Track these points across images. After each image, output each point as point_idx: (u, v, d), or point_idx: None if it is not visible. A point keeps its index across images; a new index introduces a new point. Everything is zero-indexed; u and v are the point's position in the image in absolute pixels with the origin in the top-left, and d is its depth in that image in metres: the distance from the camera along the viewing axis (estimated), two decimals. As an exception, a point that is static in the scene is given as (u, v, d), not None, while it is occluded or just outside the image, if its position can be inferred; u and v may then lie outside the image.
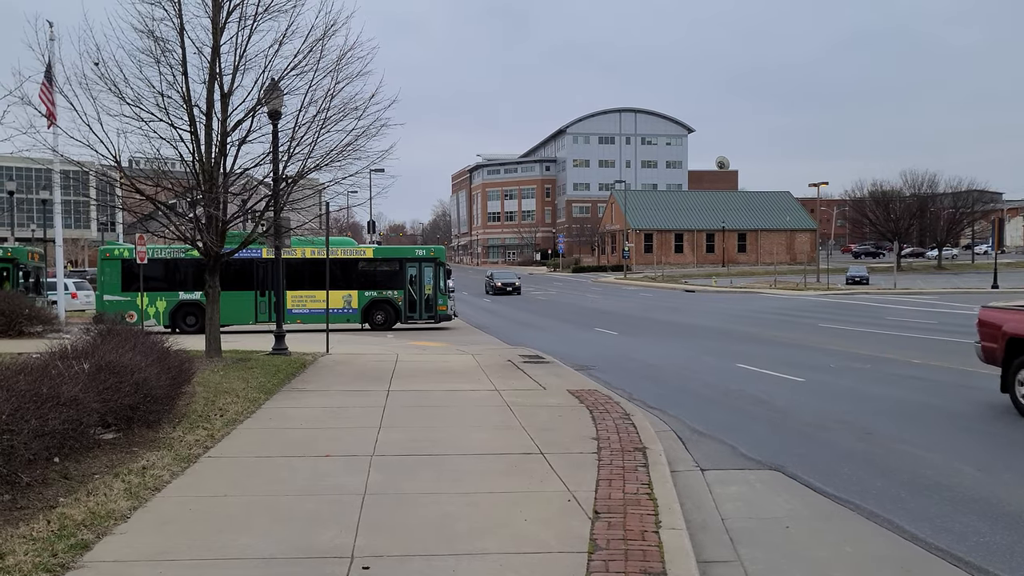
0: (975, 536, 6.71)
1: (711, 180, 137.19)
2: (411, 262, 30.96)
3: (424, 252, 31.49)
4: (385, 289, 30.67)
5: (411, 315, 30.66)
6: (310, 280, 29.94)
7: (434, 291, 30.58)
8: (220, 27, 16.29)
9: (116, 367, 9.32)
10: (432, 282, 30.62)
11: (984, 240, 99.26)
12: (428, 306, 30.59)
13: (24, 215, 75.45)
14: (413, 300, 30.62)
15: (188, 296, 29.45)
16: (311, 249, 29.94)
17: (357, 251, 31.30)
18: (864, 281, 63.41)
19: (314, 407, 12.06)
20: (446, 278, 31.21)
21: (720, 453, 9.82)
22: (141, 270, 27.91)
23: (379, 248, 32.96)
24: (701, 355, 20.76)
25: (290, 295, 29.36)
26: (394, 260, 31.32)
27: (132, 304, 28.27)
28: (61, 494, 7.02)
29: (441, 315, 30.81)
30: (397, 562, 5.63)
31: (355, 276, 30.70)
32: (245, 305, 29.73)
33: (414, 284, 30.65)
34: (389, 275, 30.88)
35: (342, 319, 30.19)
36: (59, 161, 19.00)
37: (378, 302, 30.58)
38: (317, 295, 29.55)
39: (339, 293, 30.04)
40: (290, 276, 29.03)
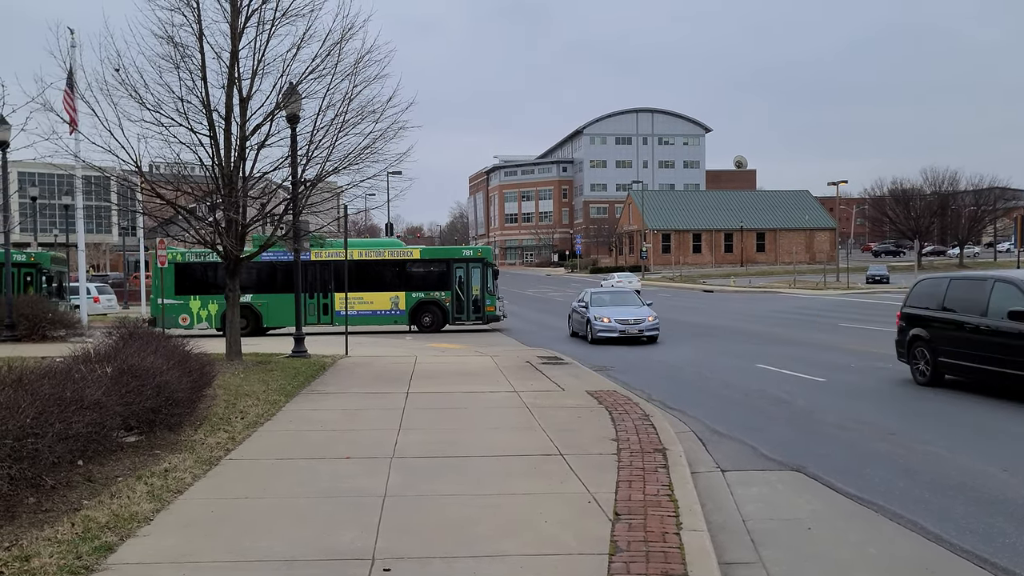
0: (1001, 537, 6.63)
1: (729, 180, 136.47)
2: (458, 262, 30.53)
3: (471, 252, 31.12)
4: (432, 290, 30.20)
5: (459, 316, 30.20)
6: (358, 281, 29.50)
7: (482, 292, 30.09)
8: (239, 32, 16.41)
9: (138, 371, 9.40)
10: (480, 283, 30.16)
11: (1006, 238, 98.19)
12: (476, 307, 30.11)
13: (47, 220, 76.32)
14: (461, 301, 30.17)
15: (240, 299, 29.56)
16: (359, 250, 30.05)
17: (405, 252, 30.92)
18: (884, 280, 62.89)
19: (334, 409, 12.11)
20: (494, 279, 30.68)
21: (741, 454, 9.76)
22: (193, 273, 28.40)
23: (426, 249, 32.56)
24: (720, 355, 20.65)
25: (338, 297, 29.08)
26: (441, 261, 30.85)
27: (185, 307, 28.56)
28: (85, 497, 7.09)
29: (489, 316, 30.20)
30: (418, 564, 5.64)
31: (402, 277, 30.35)
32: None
33: (461, 285, 30.18)
34: (436, 276, 30.39)
35: (389, 321, 30.08)
36: (81, 167, 19.22)
37: (425, 303, 30.14)
38: (365, 296, 29.57)
39: (386, 295, 29.94)
40: (338, 278, 29.00)
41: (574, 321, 26.67)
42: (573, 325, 26.87)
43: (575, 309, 26.69)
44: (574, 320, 26.72)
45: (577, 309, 26.41)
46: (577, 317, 26.31)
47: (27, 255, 31.01)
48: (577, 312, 26.39)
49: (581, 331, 25.28)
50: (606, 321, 23.76)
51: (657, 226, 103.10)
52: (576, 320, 26.43)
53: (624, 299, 26.13)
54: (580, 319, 25.69)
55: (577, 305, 26.70)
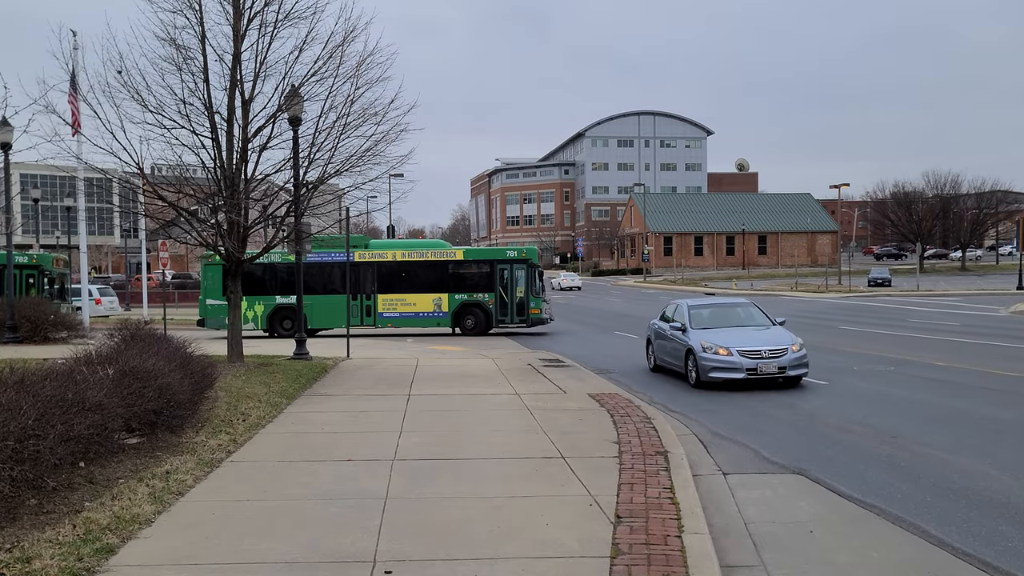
0: (1004, 541, 6.61)
1: (731, 182, 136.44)
2: (502, 264, 29.67)
3: (515, 253, 30.22)
4: (475, 292, 29.47)
5: (502, 319, 29.34)
6: (401, 283, 29.41)
7: (526, 294, 29.20)
8: (241, 34, 16.42)
9: (140, 372, 9.40)
10: (524, 284, 29.27)
11: (1009, 241, 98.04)
12: (520, 309, 29.15)
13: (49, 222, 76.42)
14: (504, 303, 29.33)
15: (284, 300, 29.22)
16: (402, 251, 29.87)
17: (448, 253, 30.30)
18: (886, 283, 62.82)
19: (335, 412, 12.11)
20: (540, 280, 29.93)
21: (742, 457, 9.75)
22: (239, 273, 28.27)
23: (470, 250, 31.96)
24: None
25: (381, 298, 29.14)
26: (484, 262, 30.06)
27: None
28: (86, 498, 7.09)
29: (534, 319, 29.26)
30: (419, 566, 5.63)
31: (445, 279, 29.63)
32: (338, 309, 28.58)
33: (505, 287, 29.36)
34: (479, 277, 29.68)
35: (432, 323, 29.56)
36: (83, 168, 19.25)
37: (468, 305, 29.41)
38: (408, 298, 29.28)
39: (429, 296, 29.36)
40: (381, 279, 29.08)
41: (661, 349, 17.74)
42: (658, 354, 17.95)
43: (660, 332, 17.86)
44: (661, 348, 17.73)
45: (666, 332, 17.39)
46: (667, 345, 17.28)
47: (29, 256, 31.06)
48: (667, 337, 17.26)
49: (675, 365, 16.76)
50: (723, 354, 15.09)
51: (659, 229, 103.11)
52: (665, 348, 17.42)
53: (740, 315, 17.38)
54: (672, 347, 16.93)
55: (663, 327, 17.68)
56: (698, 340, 15.62)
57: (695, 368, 15.44)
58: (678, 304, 18.07)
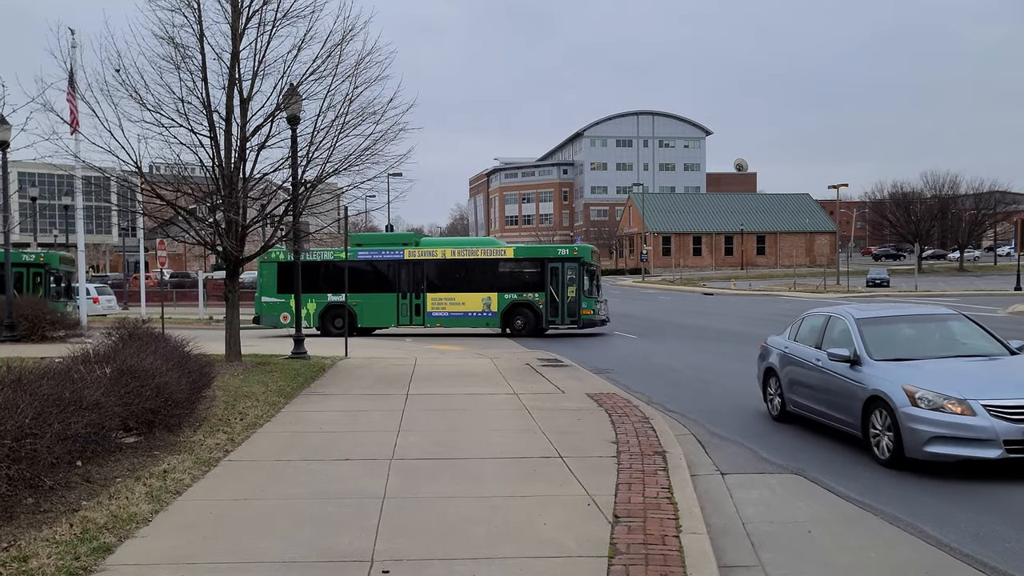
0: (1002, 542, 6.61)
1: (729, 182, 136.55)
2: (553, 262, 28.49)
3: (567, 251, 29.22)
4: (525, 291, 28.42)
5: (552, 320, 28.25)
6: (451, 281, 28.72)
7: (577, 294, 27.97)
8: (239, 33, 16.41)
9: (137, 371, 9.39)
10: (576, 284, 28.04)
11: (1007, 242, 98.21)
12: (571, 310, 28.00)
13: (46, 221, 76.36)
14: (555, 303, 28.18)
15: (335, 298, 28.60)
16: (451, 249, 29.29)
17: (498, 251, 29.30)
18: (884, 283, 62.93)
19: (333, 411, 12.10)
20: (594, 279, 28.71)
21: (740, 457, 9.74)
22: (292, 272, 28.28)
23: (520, 248, 30.59)
24: (720, 358, 20.62)
25: (430, 297, 28.53)
26: (535, 260, 28.96)
27: (286, 306, 28.21)
28: (83, 497, 7.08)
29: (586, 320, 28.05)
30: (417, 566, 5.63)
31: (494, 277, 28.72)
32: (387, 307, 28.78)
33: (556, 286, 28.20)
34: (529, 277, 28.64)
35: (480, 323, 28.72)
36: (81, 167, 19.21)
37: (518, 305, 28.39)
38: (457, 297, 28.57)
39: (478, 295, 28.52)
40: (430, 277, 28.59)
41: (800, 390, 11.36)
42: (795, 397, 11.46)
43: (797, 360, 11.47)
44: (801, 387, 11.34)
45: (809, 361, 11.12)
46: (815, 383, 10.80)
47: (36, 255, 31.02)
48: (814, 369, 10.82)
49: (835, 419, 10.38)
50: (955, 411, 8.55)
51: (657, 229, 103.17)
52: (812, 389, 10.89)
53: (946, 335, 11.32)
54: (829, 388, 10.40)
55: (804, 353, 11.38)
56: (897, 382, 9.06)
57: (894, 433, 8.87)
58: (834, 315, 11.21)
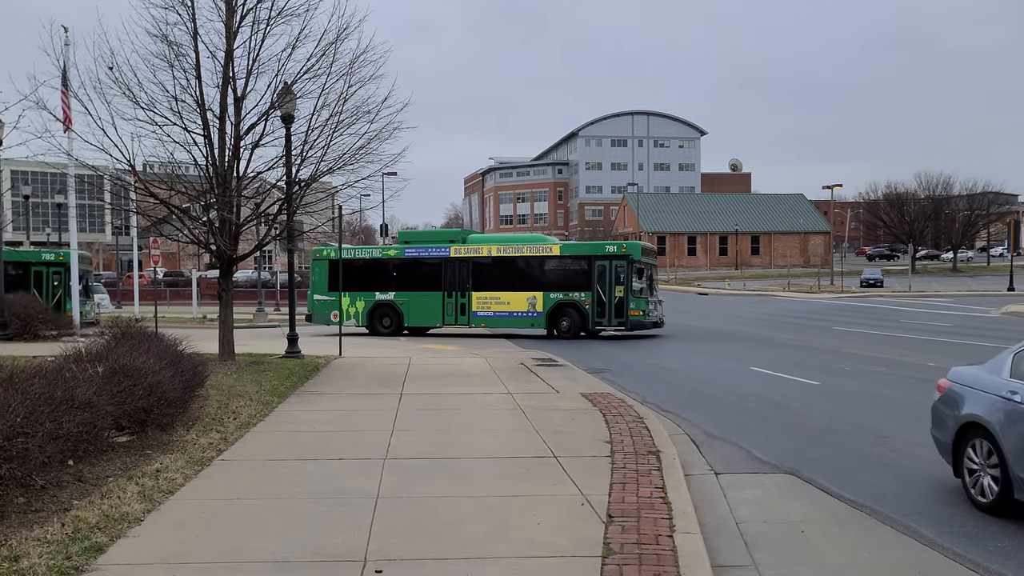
0: (994, 542, 6.63)
1: (724, 183, 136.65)
2: (600, 260, 26.94)
3: (615, 248, 27.27)
4: (571, 291, 27.11)
5: (599, 321, 26.78)
6: (496, 280, 27.75)
7: (625, 293, 26.41)
8: (233, 31, 16.37)
9: (130, 370, 9.36)
10: (625, 283, 26.45)
11: (1000, 242, 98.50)
12: (618, 311, 26.47)
13: (39, 219, 76.05)
14: (602, 303, 26.72)
15: (383, 297, 28.47)
16: (496, 246, 28.55)
17: (544, 248, 28.04)
18: (878, 283, 63.11)
19: (327, 410, 12.07)
20: (644, 278, 26.99)
21: (734, 457, 9.75)
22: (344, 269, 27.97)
23: (566, 244, 29.31)
24: (714, 358, 20.66)
25: (475, 296, 27.70)
26: (581, 258, 27.59)
27: (336, 304, 27.96)
28: (75, 497, 7.04)
29: (634, 321, 26.47)
30: (410, 566, 5.61)
31: (539, 276, 27.68)
32: (433, 306, 28.14)
33: (603, 285, 26.71)
34: (575, 275, 27.32)
35: (525, 323, 27.64)
36: (74, 165, 19.14)
37: (563, 306, 27.08)
38: (503, 296, 27.57)
39: (523, 295, 27.42)
40: (476, 275, 27.83)
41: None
42: None
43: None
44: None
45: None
46: None
47: (56, 254, 31.03)
48: None
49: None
50: None
51: (652, 228, 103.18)
52: None
53: None
54: None
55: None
56: None
57: None
58: None
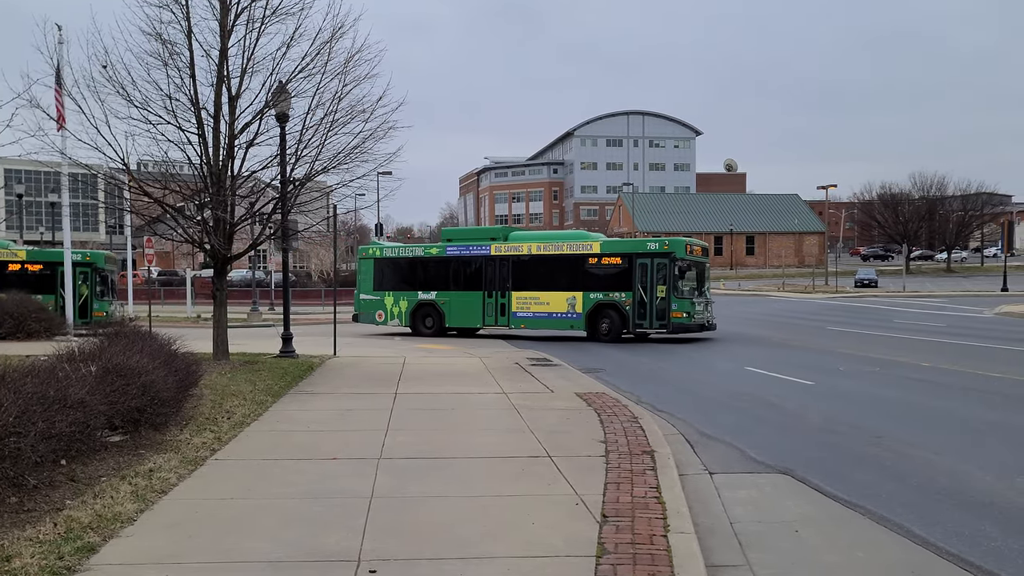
0: (988, 541, 6.63)
1: (719, 183, 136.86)
2: (641, 257, 25.33)
3: (656, 245, 25.55)
4: (611, 290, 25.60)
5: (640, 323, 25.11)
6: (536, 279, 26.68)
7: (668, 294, 24.63)
8: (228, 30, 16.30)
9: (123, 369, 9.32)
10: (667, 283, 24.67)
11: (994, 243, 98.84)
12: (660, 312, 24.72)
13: (33, 218, 75.80)
14: (643, 304, 25.04)
15: (425, 296, 27.78)
16: (537, 244, 27.41)
17: (584, 245, 26.63)
18: (873, 284, 63.28)
19: (321, 410, 12.04)
20: (687, 277, 25.33)
21: (729, 456, 9.75)
22: (389, 268, 27.67)
23: (607, 241, 27.57)
24: (709, 357, 20.68)
25: (515, 296, 26.71)
26: (622, 255, 25.94)
27: (381, 304, 27.61)
28: (68, 496, 7.01)
29: (676, 324, 24.72)
30: (404, 566, 5.60)
31: (579, 275, 26.26)
32: (474, 306, 27.30)
33: (644, 285, 25.07)
34: (616, 274, 25.78)
35: (565, 325, 26.35)
36: (67, 164, 19.08)
37: (603, 306, 25.60)
38: (542, 296, 26.41)
39: (563, 295, 26.16)
40: (516, 274, 26.85)
41: None
42: None
43: None
44: None
45: None
46: None
47: (83, 254, 31.10)
48: None
49: None
50: None
51: (647, 228, 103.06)
52: None
53: None
54: None
55: None
56: None
57: None
58: None
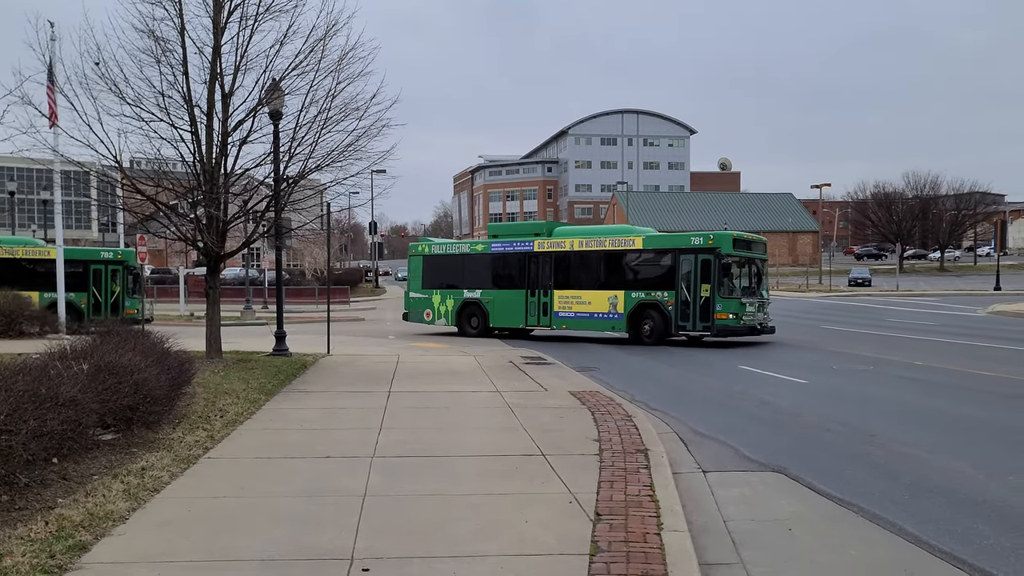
0: (979, 539, 6.65)
1: (713, 182, 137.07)
2: (684, 253, 23.43)
3: (701, 240, 23.42)
4: (653, 289, 23.87)
5: (683, 325, 23.28)
6: (576, 277, 25.39)
7: (712, 293, 22.71)
8: (221, 27, 16.26)
9: (115, 368, 9.28)
10: (713, 281, 22.71)
11: (987, 242, 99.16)
12: (703, 313, 22.84)
13: (25, 215, 75.50)
14: (686, 304, 23.18)
15: (471, 295, 26.91)
16: (579, 239, 25.72)
17: (625, 240, 24.75)
18: (866, 283, 63.47)
19: (315, 408, 12.02)
20: (734, 274, 23.41)
21: (722, 455, 9.76)
22: (437, 266, 27.26)
23: (650, 236, 25.10)
24: (703, 355, 20.69)
25: (557, 295, 25.41)
26: (664, 252, 24.01)
27: (429, 302, 27.08)
28: (59, 495, 6.98)
29: (721, 326, 22.68)
30: (397, 564, 5.59)
31: (621, 272, 24.73)
32: (516, 305, 26.18)
33: (687, 283, 23.21)
34: (658, 271, 24.07)
35: (606, 326, 24.72)
36: (60, 161, 18.99)
37: (645, 307, 23.86)
38: (584, 295, 24.96)
39: (604, 294, 24.58)
40: (558, 272, 25.60)
41: None
42: None
43: None
44: None
45: None
46: None
47: (114, 252, 31.12)
48: None
49: None
50: None
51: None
52: None
53: None
54: None
55: None
56: None
57: None
58: None
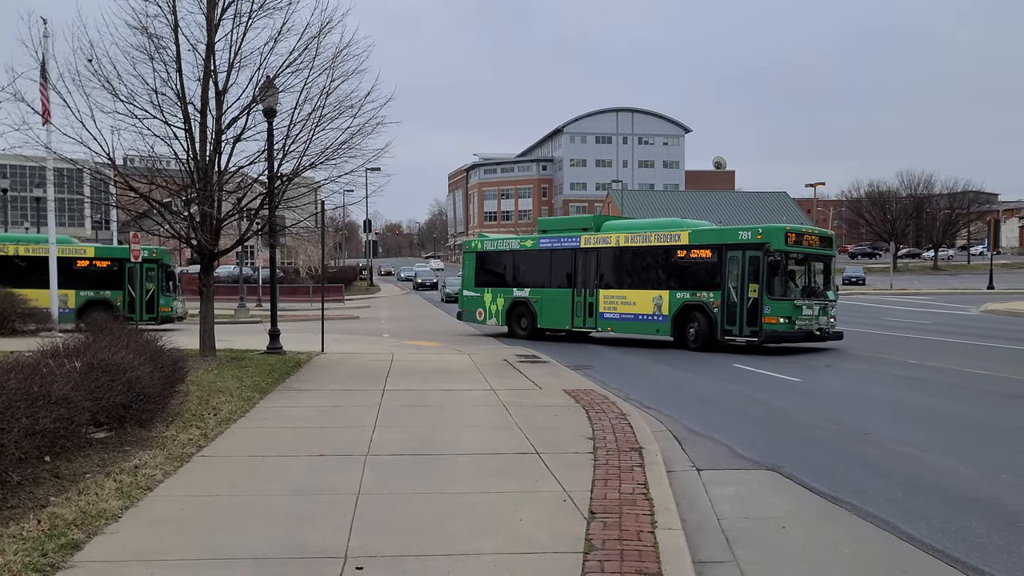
0: (972, 537, 6.67)
1: (708, 180, 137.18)
2: (731, 250, 21.19)
3: (749, 235, 21.02)
4: (699, 289, 21.79)
5: (728, 328, 21.06)
6: (623, 275, 23.73)
7: (760, 293, 20.38)
8: (215, 24, 16.20)
9: (108, 365, 9.25)
10: (761, 280, 20.41)
11: (980, 241, 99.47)
12: (751, 317, 20.56)
13: (17, 213, 75.19)
14: (732, 306, 21.00)
15: (520, 294, 25.69)
16: (625, 234, 23.88)
17: (671, 236, 22.72)
18: (860, 281, 63.60)
19: (308, 406, 11.99)
20: (807, 273, 21.67)
21: (716, 453, 9.77)
22: (489, 263, 26.67)
23: (696, 231, 22.70)
24: (698, 354, 20.70)
25: (602, 295, 23.88)
26: (711, 247, 21.90)
27: (480, 301, 26.28)
28: (52, 493, 6.95)
29: (769, 331, 20.38)
30: (391, 562, 5.58)
31: (666, 270, 22.87)
32: (563, 305, 24.76)
33: (734, 282, 21.05)
34: (704, 269, 21.97)
35: (650, 329, 22.87)
36: (52, 158, 18.92)
37: (690, 308, 21.88)
38: (628, 295, 23.27)
39: (649, 293, 22.83)
40: (603, 270, 24.11)
41: None
42: None
43: None
44: None
45: None
46: None
47: (149, 251, 31.09)
48: None
49: None
50: None
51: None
52: None
53: None
54: None
55: None
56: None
57: None
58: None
